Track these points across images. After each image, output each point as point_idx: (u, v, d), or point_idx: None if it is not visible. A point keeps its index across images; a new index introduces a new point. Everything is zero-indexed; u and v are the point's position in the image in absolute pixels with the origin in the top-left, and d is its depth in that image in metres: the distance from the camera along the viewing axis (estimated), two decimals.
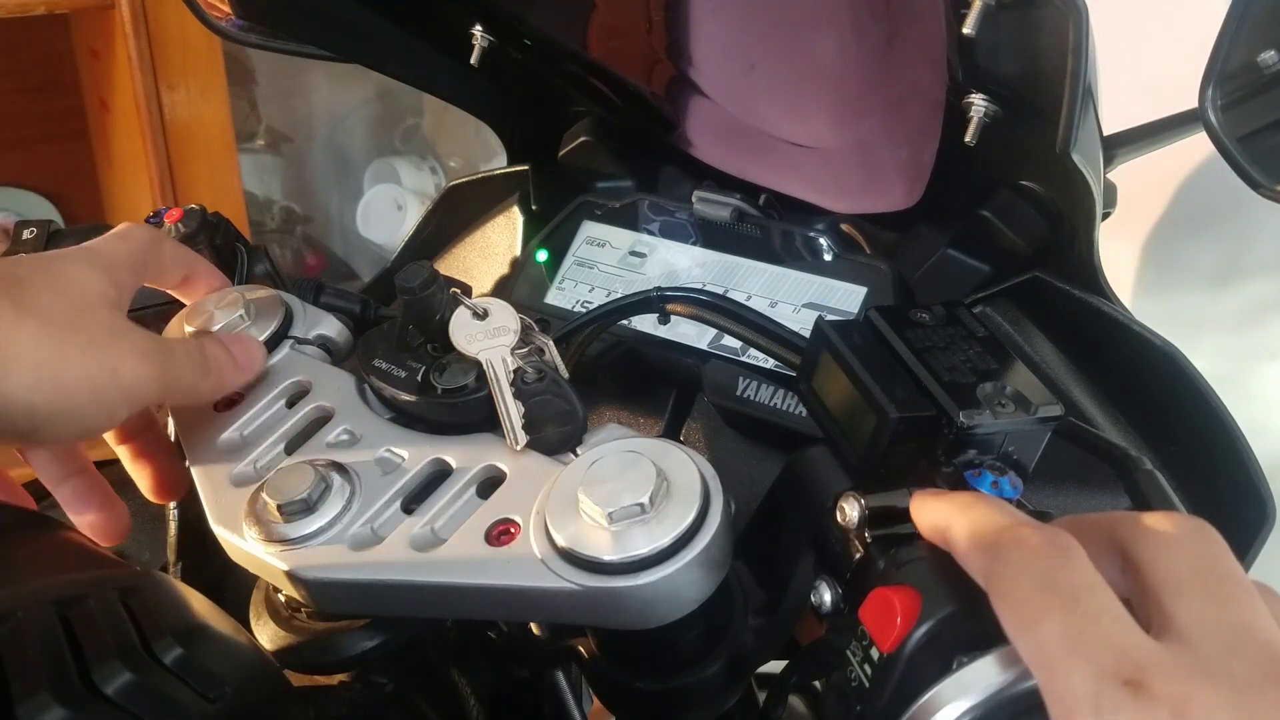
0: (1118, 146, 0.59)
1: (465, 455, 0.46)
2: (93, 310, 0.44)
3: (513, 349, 0.47)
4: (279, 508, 0.43)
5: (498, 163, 0.81)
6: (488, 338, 0.47)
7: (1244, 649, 0.29)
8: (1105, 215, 0.57)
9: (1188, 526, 0.33)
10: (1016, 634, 0.31)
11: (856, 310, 0.62)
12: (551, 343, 0.50)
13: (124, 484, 0.64)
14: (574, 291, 0.70)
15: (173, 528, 0.58)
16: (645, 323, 0.64)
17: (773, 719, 0.47)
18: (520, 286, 0.71)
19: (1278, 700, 0.28)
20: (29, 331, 0.41)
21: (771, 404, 0.60)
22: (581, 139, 0.75)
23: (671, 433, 0.64)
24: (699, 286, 0.61)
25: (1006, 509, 0.35)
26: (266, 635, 0.47)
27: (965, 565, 0.34)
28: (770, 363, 0.60)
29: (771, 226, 0.67)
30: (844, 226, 0.66)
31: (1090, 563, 0.32)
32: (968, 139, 0.52)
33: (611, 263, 0.70)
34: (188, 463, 0.49)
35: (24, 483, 0.63)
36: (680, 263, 0.68)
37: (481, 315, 0.47)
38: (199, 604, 0.42)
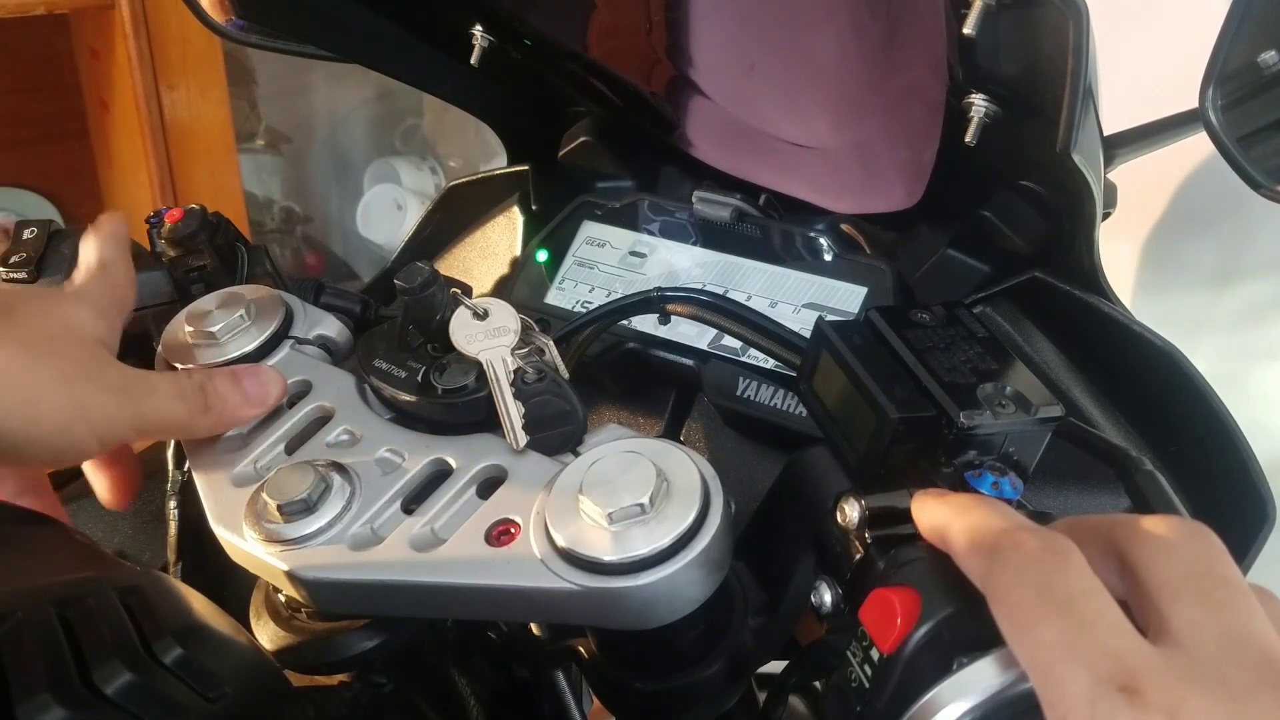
0: (1118, 146, 0.59)
1: (465, 455, 0.46)
2: (76, 344, 0.45)
3: (513, 349, 0.47)
4: (279, 508, 0.43)
5: (498, 163, 0.81)
6: (488, 338, 0.47)
7: (1240, 654, 0.29)
8: (1105, 215, 0.57)
9: (1185, 530, 0.33)
10: (1013, 638, 0.31)
11: (856, 310, 0.62)
12: (552, 343, 0.50)
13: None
14: (574, 291, 0.70)
15: (173, 528, 0.58)
16: (645, 323, 0.64)
17: (773, 719, 0.47)
18: (520, 286, 0.71)
19: (1272, 705, 0.28)
20: (7, 354, 0.42)
21: (771, 404, 0.60)
22: (581, 139, 0.75)
23: (671, 433, 0.64)
24: (699, 286, 0.61)
25: (1006, 511, 0.35)
26: (266, 635, 0.47)
27: (963, 568, 0.34)
28: (770, 363, 0.60)
29: (771, 226, 0.67)
30: (844, 226, 0.66)
31: (1087, 567, 0.32)
32: (968, 139, 0.52)
33: (611, 263, 0.70)
34: (188, 463, 0.49)
35: None
36: (680, 263, 0.68)
37: (481, 315, 0.47)
38: (199, 604, 0.42)
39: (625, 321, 0.63)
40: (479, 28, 0.69)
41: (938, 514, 0.36)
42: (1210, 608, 0.30)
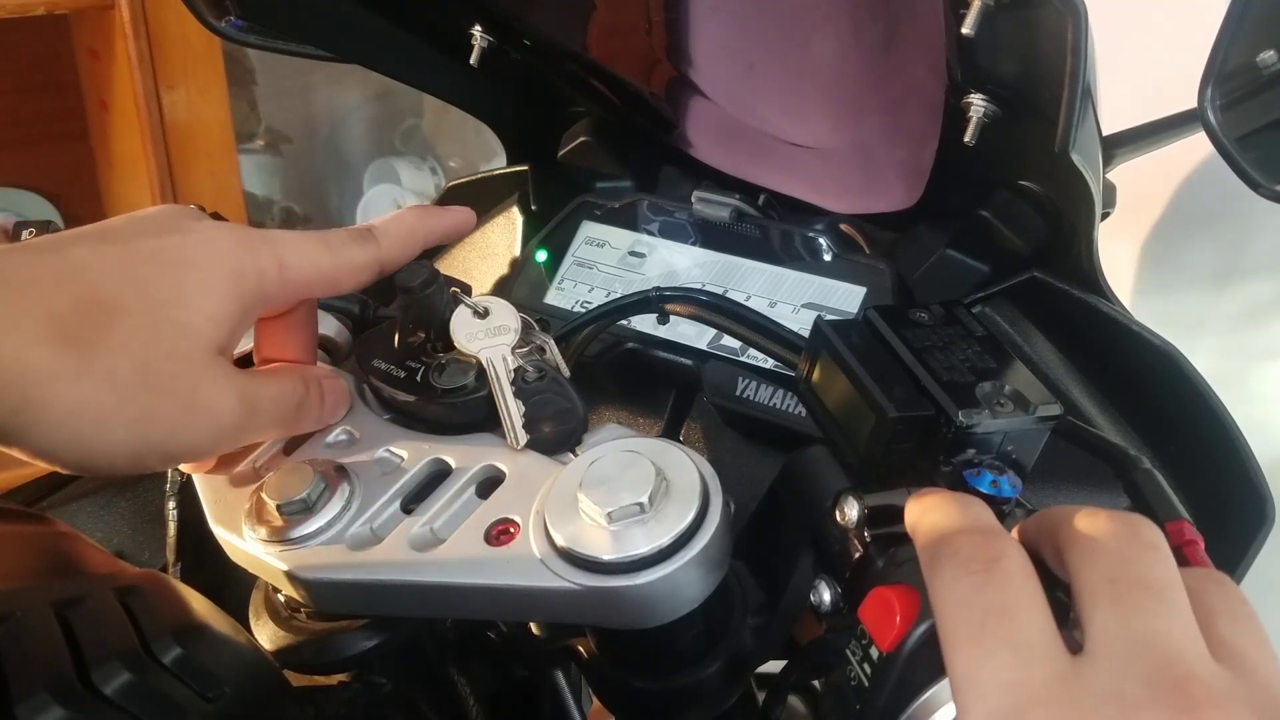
0: (1117, 146, 0.59)
1: (465, 455, 0.46)
2: (178, 371, 0.39)
3: (513, 348, 0.47)
4: (278, 508, 0.43)
5: (498, 163, 0.81)
6: (488, 336, 0.47)
7: (1139, 665, 0.29)
8: (1105, 215, 0.57)
9: (1109, 528, 0.33)
10: (945, 659, 0.31)
11: (856, 310, 0.62)
12: (552, 341, 0.50)
13: (121, 486, 0.64)
14: (573, 291, 0.70)
15: (172, 528, 0.58)
16: (645, 323, 0.64)
17: (772, 718, 0.47)
18: (520, 286, 0.71)
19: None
20: (89, 390, 0.37)
21: (771, 404, 0.60)
22: (581, 139, 0.75)
23: (671, 433, 0.64)
24: (698, 286, 0.61)
25: (965, 512, 0.35)
26: (266, 635, 0.47)
27: (922, 572, 0.34)
28: (770, 363, 0.60)
29: (771, 226, 0.67)
30: (843, 226, 0.66)
31: (1020, 573, 0.32)
32: (967, 139, 0.52)
33: (611, 263, 0.70)
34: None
35: (25, 482, 0.63)
36: (680, 263, 0.68)
37: (482, 314, 0.47)
38: (198, 604, 0.42)
39: (624, 321, 0.63)
40: (479, 28, 0.69)
41: (911, 514, 0.37)
42: (1121, 614, 0.30)
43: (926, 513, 0.36)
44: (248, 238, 0.43)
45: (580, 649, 0.49)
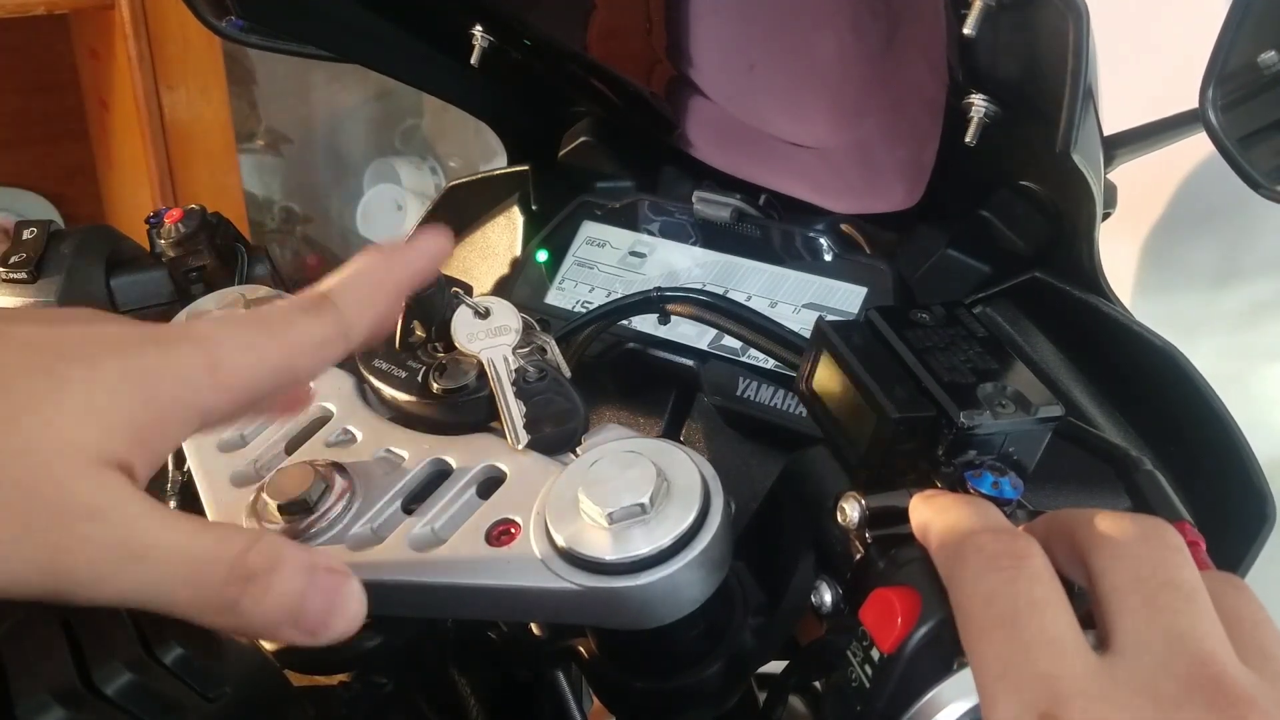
0: (1118, 146, 0.59)
1: (465, 455, 0.46)
2: (41, 464, 0.30)
3: (514, 348, 0.47)
4: (279, 508, 0.43)
5: (498, 163, 0.81)
6: (489, 336, 0.47)
7: (1174, 662, 0.29)
8: (1105, 215, 0.57)
9: (1136, 530, 0.33)
10: (967, 653, 0.31)
11: (856, 310, 0.62)
12: (553, 341, 0.50)
13: None
14: (574, 292, 0.70)
15: None
16: (645, 323, 0.64)
17: (772, 719, 0.47)
18: (520, 287, 0.71)
19: (1198, 717, 0.28)
20: None
21: (771, 404, 0.60)
22: (581, 139, 0.75)
23: (671, 433, 0.64)
24: (699, 286, 0.61)
25: (982, 513, 0.35)
26: None
27: (938, 570, 0.34)
28: (770, 363, 0.60)
29: (771, 227, 0.67)
30: (844, 227, 0.66)
31: (1045, 572, 0.32)
32: (968, 139, 0.52)
33: (611, 263, 0.70)
34: (188, 463, 0.49)
35: None
36: (680, 263, 0.68)
37: (483, 314, 0.47)
38: None
39: (625, 321, 0.63)
40: (479, 28, 0.69)
41: (921, 514, 0.37)
42: (1151, 613, 0.30)
43: (941, 513, 0.36)
44: (162, 335, 0.34)
45: (581, 649, 0.49)
